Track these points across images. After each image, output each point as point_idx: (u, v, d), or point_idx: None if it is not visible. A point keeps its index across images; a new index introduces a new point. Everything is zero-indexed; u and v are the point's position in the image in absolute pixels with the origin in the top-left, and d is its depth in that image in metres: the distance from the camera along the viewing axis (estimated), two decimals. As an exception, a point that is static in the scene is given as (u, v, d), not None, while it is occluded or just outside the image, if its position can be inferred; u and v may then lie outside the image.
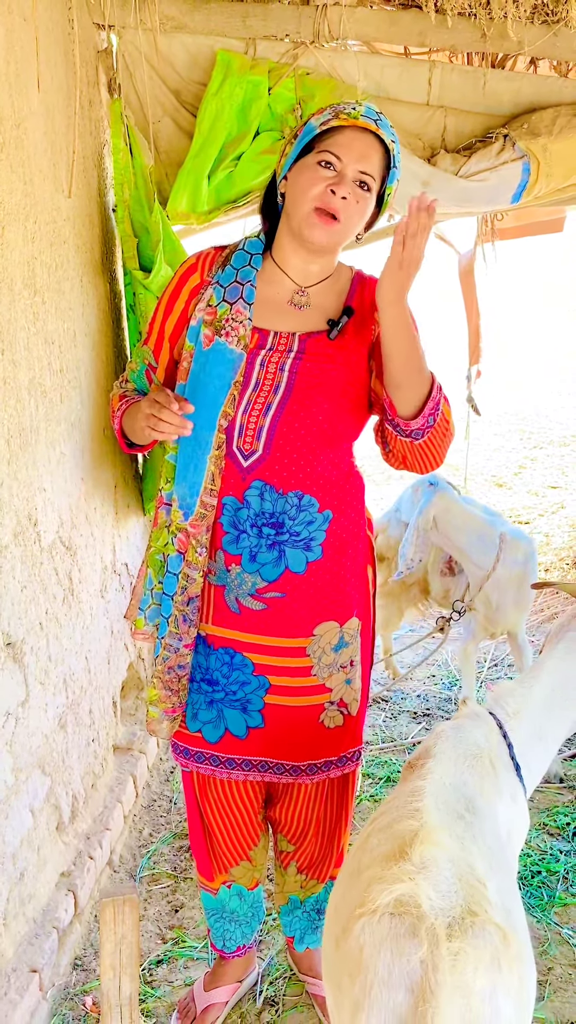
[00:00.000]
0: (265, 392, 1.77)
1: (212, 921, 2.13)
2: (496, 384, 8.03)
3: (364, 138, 1.72)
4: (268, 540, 1.80)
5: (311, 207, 1.71)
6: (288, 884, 2.11)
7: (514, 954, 1.08)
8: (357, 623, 1.92)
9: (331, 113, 1.74)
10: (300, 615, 1.84)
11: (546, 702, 1.67)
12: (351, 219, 1.73)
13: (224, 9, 2.70)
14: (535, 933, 2.33)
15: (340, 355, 1.79)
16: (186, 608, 1.85)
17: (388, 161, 1.76)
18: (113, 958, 1.66)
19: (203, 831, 2.06)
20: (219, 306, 1.80)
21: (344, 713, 1.92)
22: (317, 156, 1.72)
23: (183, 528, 1.83)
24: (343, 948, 1.12)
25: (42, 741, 2.20)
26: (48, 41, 2.25)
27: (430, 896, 1.10)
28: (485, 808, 1.36)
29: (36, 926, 2.14)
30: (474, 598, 3.05)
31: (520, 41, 2.71)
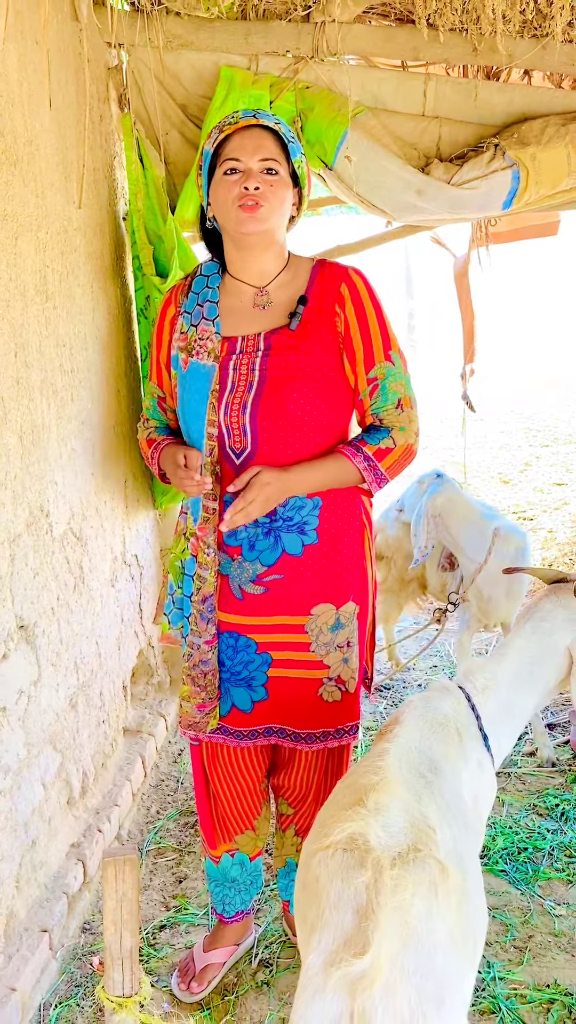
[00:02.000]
0: (240, 392, 1.91)
1: (213, 887, 2.27)
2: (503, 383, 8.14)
3: (252, 133, 1.90)
4: (263, 528, 1.94)
5: (234, 209, 1.88)
6: (286, 847, 2.25)
7: (452, 885, 1.21)
8: (354, 607, 2.04)
9: (217, 131, 1.93)
10: (298, 594, 1.98)
11: (513, 677, 1.80)
12: (272, 202, 1.89)
13: (227, 27, 2.84)
14: (519, 904, 2.45)
15: (304, 344, 1.91)
16: (203, 607, 1.99)
17: (282, 142, 1.93)
18: (115, 914, 1.79)
19: (209, 800, 2.20)
20: (188, 331, 1.99)
21: (342, 690, 2.06)
22: (222, 168, 1.91)
23: (194, 532, 1.99)
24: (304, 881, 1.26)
25: (53, 719, 2.34)
26: (59, 61, 2.39)
27: (378, 834, 1.23)
28: (447, 771, 1.48)
29: (47, 891, 2.29)
30: (467, 590, 3.17)
31: (510, 54, 2.83)
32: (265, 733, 2.09)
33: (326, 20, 2.79)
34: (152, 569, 3.32)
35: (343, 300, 1.94)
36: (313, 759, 2.14)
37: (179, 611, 2.09)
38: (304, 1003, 1.17)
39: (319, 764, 2.15)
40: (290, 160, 1.94)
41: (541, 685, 1.84)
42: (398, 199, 2.89)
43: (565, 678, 1.87)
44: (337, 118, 2.83)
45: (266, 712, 2.06)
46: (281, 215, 1.93)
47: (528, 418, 7.60)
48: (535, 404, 8.01)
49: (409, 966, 1.15)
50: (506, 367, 8.45)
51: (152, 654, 3.37)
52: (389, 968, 1.13)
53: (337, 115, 2.83)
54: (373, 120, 2.88)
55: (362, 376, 1.94)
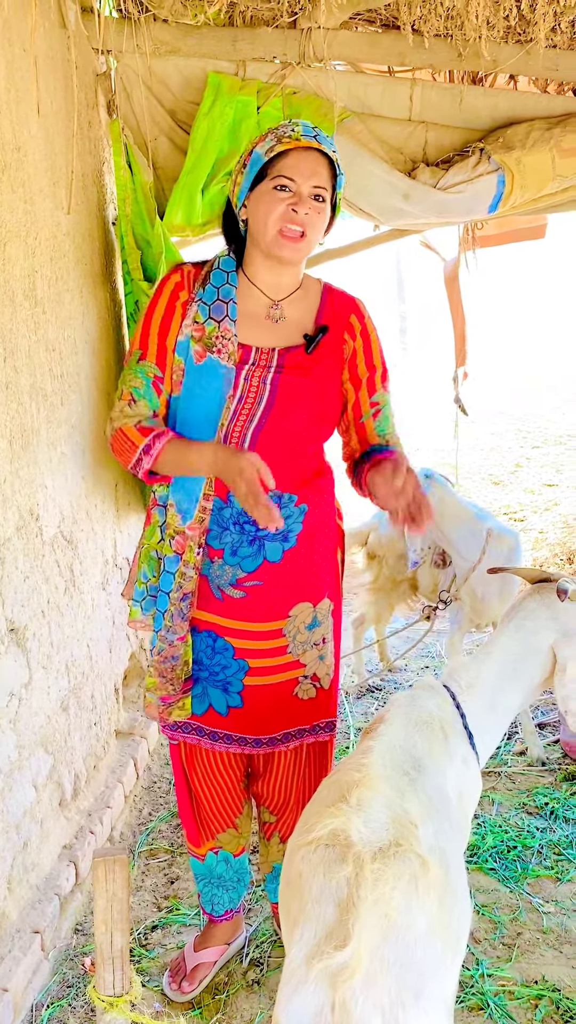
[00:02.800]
0: (249, 404, 1.93)
1: (202, 886, 2.28)
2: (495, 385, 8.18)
3: (310, 156, 1.88)
4: (249, 536, 1.96)
5: (276, 229, 1.88)
6: (272, 854, 2.26)
7: (432, 879, 1.23)
8: (329, 604, 2.09)
9: (274, 139, 1.89)
10: (277, 599, 2.01)
11: (497, 676, 1.82)
12: (313, 230, 1.91)
13: (215, 34, 2.86)
14: (508, 902, 2.47)
15: (316, 368, 1.96)
16: (181, 604, 2.00)
17: (333, 170, 1.92)
18: (105, 914, 1.80)
19: (190, 800, 2.21)
20: (206, 323, 1.94)
21: (317, 687, 2.09)
22: (272, 182, 1.87)
23: (181, 531, 1.98)
24: (288, 878, 1.28)
25: (44, 721, 2.36)
26: (47, 68, 2.41)
27: (360, 829, 1.25)
28: (431, 768, 1.50)
29: (39, 892, 2.30)
30: (460, 589, 3.19)
31: (494, 60, 2.86)
32: (240, 742, 2.10)
33: (312, 26, 2.81)
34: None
35: (353, 330, 2.02)
36: (291, 763, 2.15)
37: (151, 598, 2.06)
38: (286, 996, 1.19)
39: (297, 768, 2.16)
40: (335, 189, 1.94)
41: (525, 683, 1.86)
42: (385, 203, 2.91)
43: (549, 676, 1.89)
44: (324, 123, 2.85)
45: (240, 721, 2.08)
46: (316, 240, 1.95)
47: (519, 420, 7.64)
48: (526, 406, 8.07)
49: (389, 958, 1.17)
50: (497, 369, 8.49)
51: (144, 657, 3.38)
52: (369, 960, 1.15)
53: (324, 120, 2.85)
54: (360, 125, 2.90)
55: (365, 401, 2.05)
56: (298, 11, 2.80)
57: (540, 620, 1.88)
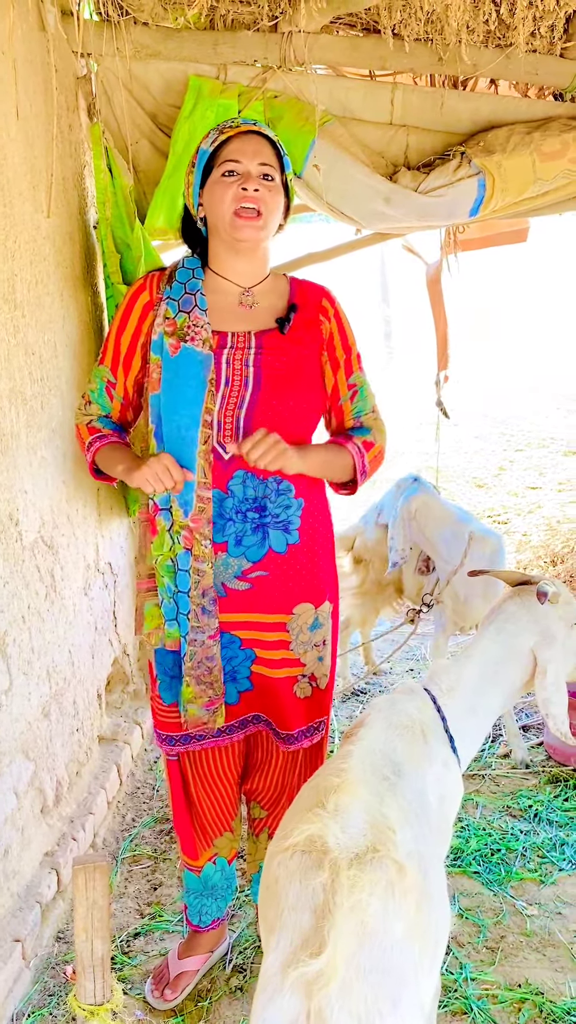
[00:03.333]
0: (237, 387, 1.94)
1: (191, 899, 2.27)
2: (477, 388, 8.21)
3: (252, 139, 1.95)
4: (252, 524, 1.97)
5: (231, 212, 1.92)
6: (260, 851, 2.26)
7: (409, 884, 1.22)
8: (329, 607, 2.10)
9: (216, 132, 1.97)
10: (281, 593, 2.01)
11: (478, 679, 1.82)
12: (268, 208, 1.94)
13: (196, 37, 2.86)
14: (491, 905, 2.47)
15: (294, 348, 1.97)
16: (203, 600, 1.99)
17: (278, 153, 1.97)
18: (85, 921, 1.79)
19: (188, 810, 2.20)
20: (177, 317, 1.97)
21: (314, 686, 2.10)
22: (220, 169, 1.94)
23: (185, 525, 1.97)
24: (265, 883, 1.27)
25: (25, 727, 2.34)
26: (27, 71, 2.40)
27: (337, 835, 1.25)
28: (411, 772, 1.50)
29: (20, 900, 2.28)
30: (442, 592, 3.19)
31: (474, 64, 2.86)
32: (254, 720, 2.12)
33: (293, 30, 2.81)
34: (126, 577, 3.32)
35: (326, 311, 2.05)
36: (288, 760, 2.16)
37: (176, 607, 2.03)
38: (262, 1004, 1.18)
39: (294, 765, 2.17)
40: (283, 171, 1.98)
41: (506, 686, 1.86)
42: (366, 207, 2.91)
43: (530, 679, 1.89)
44: (305, 127, 2.85)
45: (251, 701, 2.09)
46: (274, 222, 1.98)
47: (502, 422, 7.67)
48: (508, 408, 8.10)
49: (365, 965, 1.16)
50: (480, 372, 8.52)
51: (127, 662, 3.36)
52: (345, 967, 1.14)
53: (305, 124, 2.85)
54: (341, 129, 2.90)
55: (343, 382, 2.05)
56: (279, 15, 2.79)
57: (521, 623, 1.89)
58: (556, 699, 1.86)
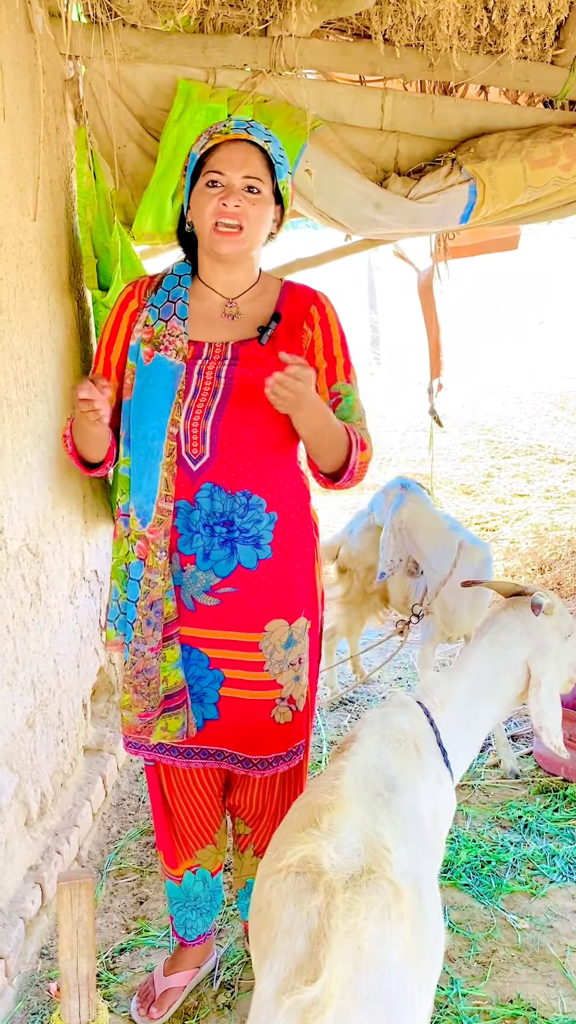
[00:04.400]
0: (204, 397, 1.90)
1: (175, 910, 2.23)
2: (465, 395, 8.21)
3: (239, 147, 1.88)
4: (220, 538, 1.92)
5: (211, 225, 1.87)
6: (245, 867, 2.22)
7: (406, 908, 1.19)
8: (305, 623, 2.03)
9: (206, 137, 1.91)
10: (252, 609, 1.96)
11: (471, 692, 1.79)
12: (251, 223, 1.88)
13: (185, 40, 2.83)
14: (482, 918, 2.44)
15: (272, 359, 1.90)
16: (149, 612, 1.94)
17: (270, 160, 1.90)
18: (70, 939, 1.75)
19: (167, 819, 2.16)
20: (155, 325, 1.94)
21: (293, 709, 2.03)
22: (204, 178, 1.89)
23: (142, 535, 1.93)
24: (256, 905, 1.23)
25: (9, 739, 2.29)
26: (14, 72, 2.37)
27: (331, 856, 1.21)
28: (405, 787, 1.47)
29: (3, 916, 2.24)
30: (431, 602, 3.17)
31: (466, 70, 2.85)
32: (216, 756, 2.05)
33: (283, 34, 2.79)
34: (112, 584, 3.28)
35: (312, 320, 1.98)
36: (266, 781, 2.11)
37: (124, 616, 2.02)
38: (256, 1032, 1.15)
39: (274, 783, 2.12)
40: (275, 178, 1.92)
41: (499, 699, 1.84)
42: (357, 213, 2.90)
43: (524, 691, 1.86)
44: (296, 132, 2.83)
45: (217, 733, 2.02)
46: (259, 235, 1.92)
47: (489, 430, 7.68)
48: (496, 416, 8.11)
49: (362, 991, 1.13)
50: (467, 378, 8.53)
51: (113, 671, 3.32)
52: (341, 994, 1.11)
53: (296, 129, 2.83)
54: (331, 134, 2.89)
55: (324, 391, 1.98)
56: (269, 19, 2.77)
57: (514, 634, 1.86)
58: (550, 711, 1.83)
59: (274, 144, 1.92)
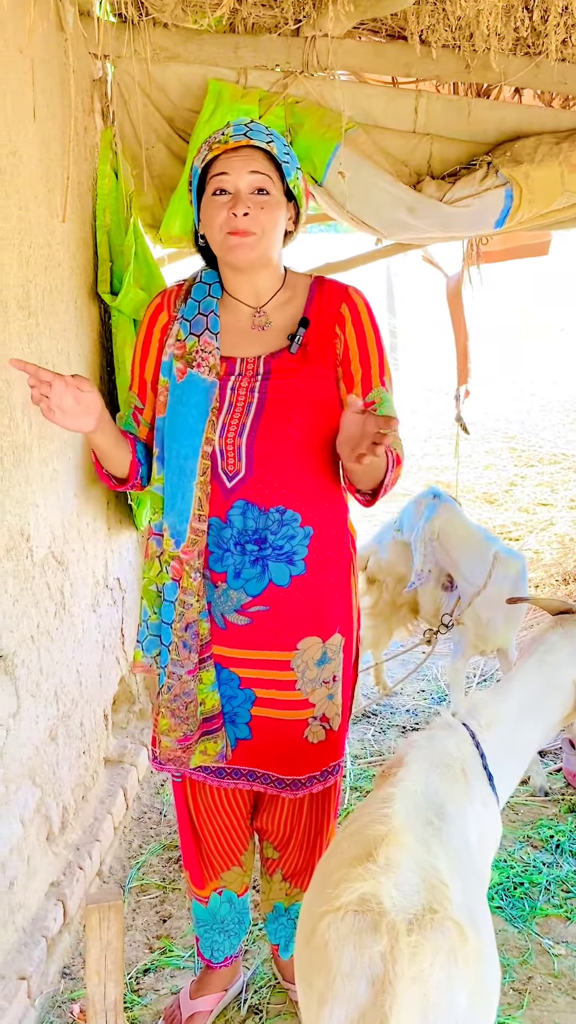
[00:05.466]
0: (238, 414, 1.84)
1: (201, 931, 2.17)
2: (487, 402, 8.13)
3: (241, 152, 1.81)
4: (251, 556, 1.85)
5: (222, 235, 1.80)
6: (273, 891, 2.15)
7: (471, 950, 1.13)
8: (340, 639, 1.96)
9: (206, 148, 1.84)
10: (284, 628, 1.89)
11: (518, 713, 1.72)
12: (264, 227, 1.81)
13: (216, 40, 2.79)
14: (516, 943, 2.37)
15: (304, 368, 1.84)
16: (185, 634, 1.89)
17: (275, 160, 1.83)
18: (98, 964, 1.69)
19: (194, 839, 2.10)
20: (187, 339, 1.87)
21: (326, 728, 1.96)
22: (210, 189, 1.82)
23: (176, 555, 1.87)
24: (311, 946, 1.17)
25: (33, 752, 2.24)
26: (44, 72, 2.32)
27: (392, 894, 1.15)
28: (455, 814, 1.40)
29: (25, 935, 2.18)
30: (463, 613, 3.10)
31: (503, 72, 2.79)
32: (248, 777, 1.98)
33: (316, 34, 2.74)
34: (134, 592, 3.23)
35: (343, 321, 1.89)
36: (294, 804, 2.04)
37: (154, 638, 1.97)
38: None
39: (303, 806, 2.05)
40: (284, 178, 1.84)
41: (546, 720, 1.77)
42: (389, 216, 2.84)
43: (570, 712, 1.79)
44: (327, 134, 2.78)
45: (249, 754, 1.96)
46: (274, 237, 1.84)
47: (512, 437, 7.58)
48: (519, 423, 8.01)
49: (429, 1042, 1.06)
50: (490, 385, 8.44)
51: (134, 681, 3.27)
52: (407, 1046, 1.04)
53: (327, 131, 2.78)
54: (363, 136, 2.83)
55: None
56: (302, 19, 2.72)
57: (562, 654, 1.79)
58: (597, 733, 1.77)
59: (277, 143, 1.85)
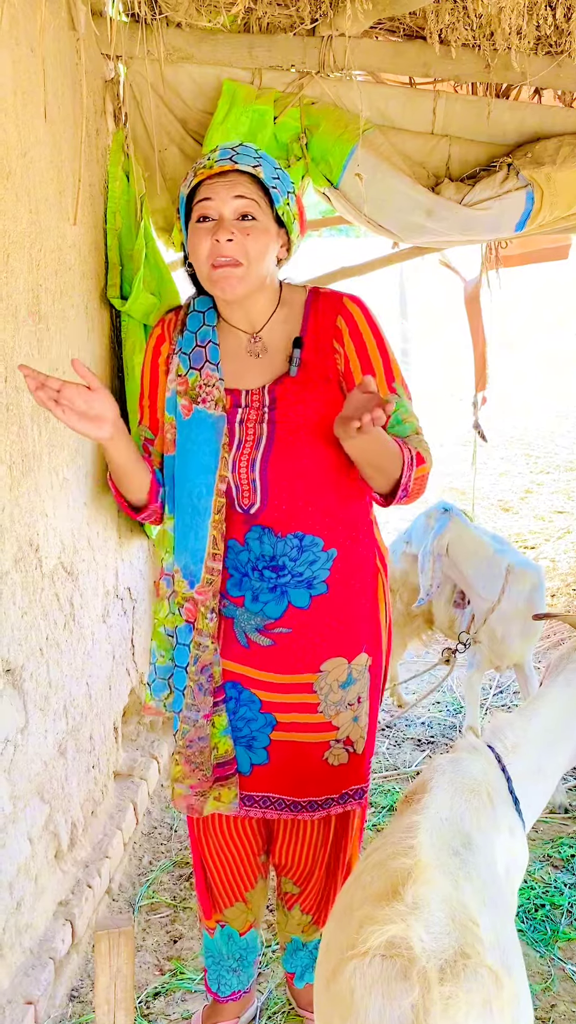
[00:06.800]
0: (248, 448, 1.77)
1: (209, 963, 2.09)
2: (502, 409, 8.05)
3: (225, 179, 1.72)
4: (269, 583, 1.79)
5: (208, 266, 1.71)
6: (291, 926, 2.07)
7: (507, 997, 1.06)
8: (366, 659, 1.89)
9: (192, 174, 1.76)
10: (307, 650, 1.82)
11: (545, 735, 1.65)
12: (249, 255, 1.71)
13: (230, 40, 2.74)
14: (538, 968, 2.29)
15: (307, 390, 1.77)
16: (200, 677, 1.82)
17: (263, 185, 1.74)
18: (108, 992, 1.63)
19: (202, 868, 2.04)
20: (188, 374, 1.80)
21: (350, 751, 1.89)
22: (194, 215, 1.73)
23: (189, 597, 1.81)
24: (334, 989, 1.10)
25: (41, 768, 2.18)
26: (56, 72, 2.27)
27: (422, 938, 1.08)
28: (482, 843, 1.34)
29: (33, 957, 2.12)
30: (479, 630, 3.02)
31: (524, 72, 2.73)
32: (262, 803, 1.91)
33: (333, 34, 2.68)
34: (145, 603, 3.17)
35: (341, 335, 1.80)
36: (316, 831, 1.96)
37: (163, 681, 1.91)
38: None
39: (325, 836, 1.97)
40: (273, 204, 1.75)
41: (573, 742, 1.70)
42: (406, 219, 2.78)
43: (600, 734, 1.72)
44: (344, 135, 2.72)
45: (265, 778, 1.89)
46: (262, 267, 1.74)
47: (528, 444, 7.50)
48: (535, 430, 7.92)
49: None
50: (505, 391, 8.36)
51: (144, 692, 3.20)
52: None
53: (344, 132, 2.72)
54: (380, 138, 2.77)
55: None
56: (318, 18, 2.67)
57: (592, 673, 1.72)
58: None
59: (266, 166, 1.75)
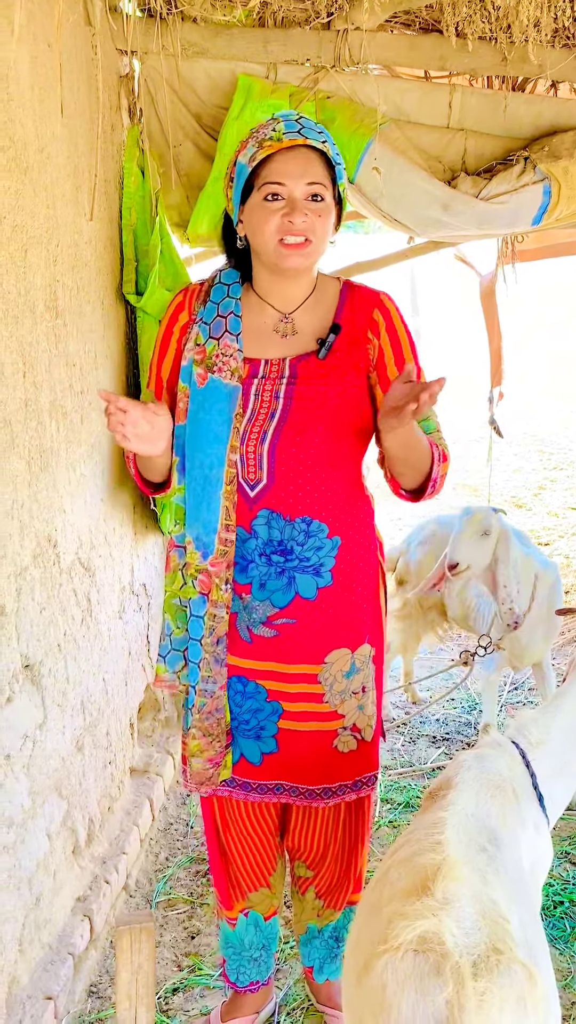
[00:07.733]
0: (260, 420, 1.77)
1: (228, 954, 2.10)
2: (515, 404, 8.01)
3: (297, 154, 1.70)
4: (277, 568, 1.79)
5: (275, 242, 1.72)
6: (306, 912, 2.08)
7: (540, 994, 1.05)
8: (369, 649, 1.90)
9: (255, 144, 1.72)
10: (311, 641, 1.83)
11: (570, 731, 1.64)
12: (318, 235, 1.73)
13: (245, 35, 2.73)
14: (558, 966, 2.28)
15: (333, 375, 1.77)
16: (216, 648, 1.83)
17: (328, 160, 1.74)
18: (129, 987, 1.63)
19: (222, 857, 2.04)
20: (207, 343, 1.80)
21: (358, 738, 1.90)
22: (262, 192, 1.71)
23: (203, 568, 1.81)
24: (365, 985, 1.10)
25: (59, 764, 2.18)
26: (72, 67, 2.27)
27: (454, 933, 1.07)
28: (507, 840, 1.33)
29: (51, 952, 2.12)
30: (503, 638, 2.99)
31: (541, 64, 2.71)
32: (275, 790, 1.92)
33: (348, 28, 2.67)
34: (160, 598, 3.17)
35: (377, 327, 1.82)
36: (330, 816, 1.97)
37: (177, 653, 1.91)
38: None
39: (336, 820, 1.98)
40: (335, 183, 1.76)
41: (597, 738, 1.69)
42: (423, 214, 2.77)
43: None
44: (359, 130, 2.71)
45: (276, 767, 1.90)
46: (324, 245, 1.77)
47: (541, 440, 7.47)
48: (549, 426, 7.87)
49: None
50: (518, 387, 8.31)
51: (161, 692, 3.21)
52: None
53: (359, 126, 2.71)
54: (396, 132, 2.76)
55: None
56: (334, 11, 2.66)
57: (615, 669, 1.71)
58: None
59: (331, 143, 1.76)
